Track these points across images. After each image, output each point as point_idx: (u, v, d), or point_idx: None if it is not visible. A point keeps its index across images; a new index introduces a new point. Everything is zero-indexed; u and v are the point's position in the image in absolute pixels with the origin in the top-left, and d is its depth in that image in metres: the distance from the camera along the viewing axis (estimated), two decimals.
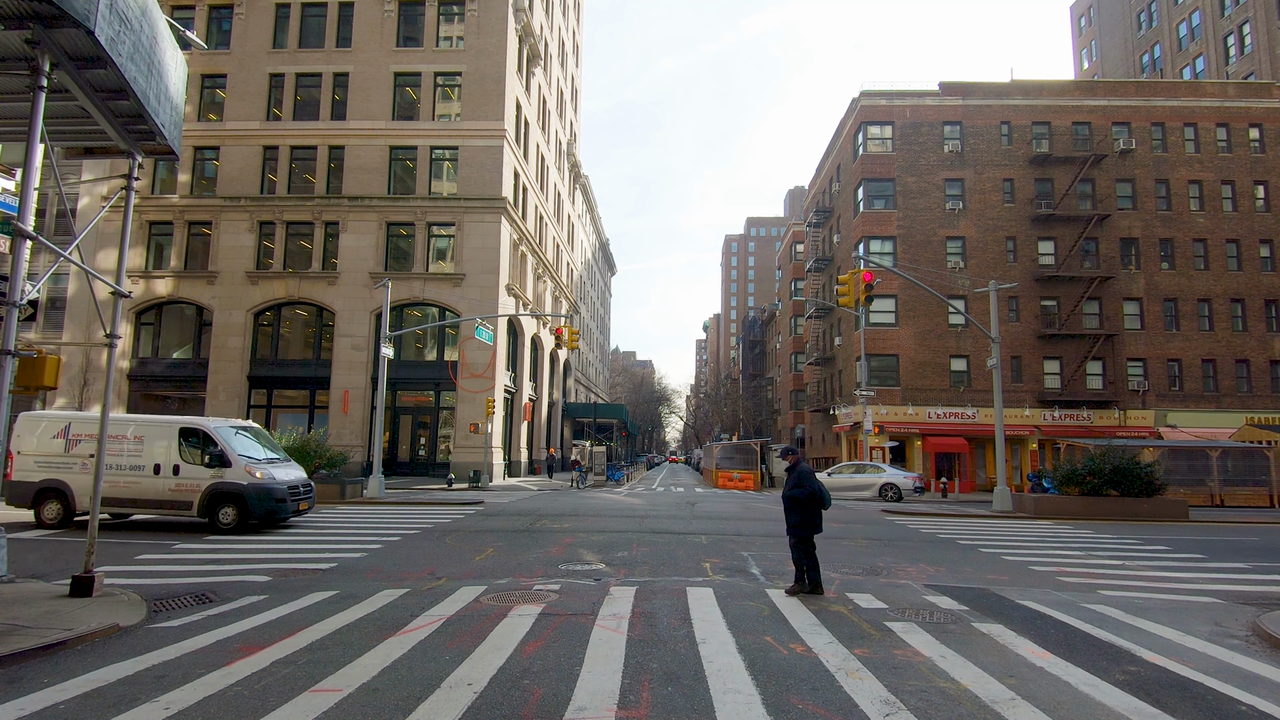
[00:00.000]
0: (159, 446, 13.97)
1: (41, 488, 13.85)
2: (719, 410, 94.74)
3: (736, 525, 16.02)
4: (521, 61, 34.44)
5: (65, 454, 14.03)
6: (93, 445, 13.72)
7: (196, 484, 13.72)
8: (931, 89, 37.25)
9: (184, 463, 13.84)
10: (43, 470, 13.97)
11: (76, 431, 14.13)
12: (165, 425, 14.28)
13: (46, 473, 13.95)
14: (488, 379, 29.29)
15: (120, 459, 13.86)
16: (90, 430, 14.06)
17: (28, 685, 5.03)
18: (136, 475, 13.83)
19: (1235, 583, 10.16)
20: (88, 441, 13.92)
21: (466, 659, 5.70)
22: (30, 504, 13.89)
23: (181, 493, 13.73)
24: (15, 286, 6.79)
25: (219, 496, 13.68)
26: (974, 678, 5.45)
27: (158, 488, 13.79)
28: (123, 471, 13.84)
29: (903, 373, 35.10)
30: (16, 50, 7.03)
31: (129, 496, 13.85)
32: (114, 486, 13.66)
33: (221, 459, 13.85)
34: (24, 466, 14.07)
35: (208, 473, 13.75)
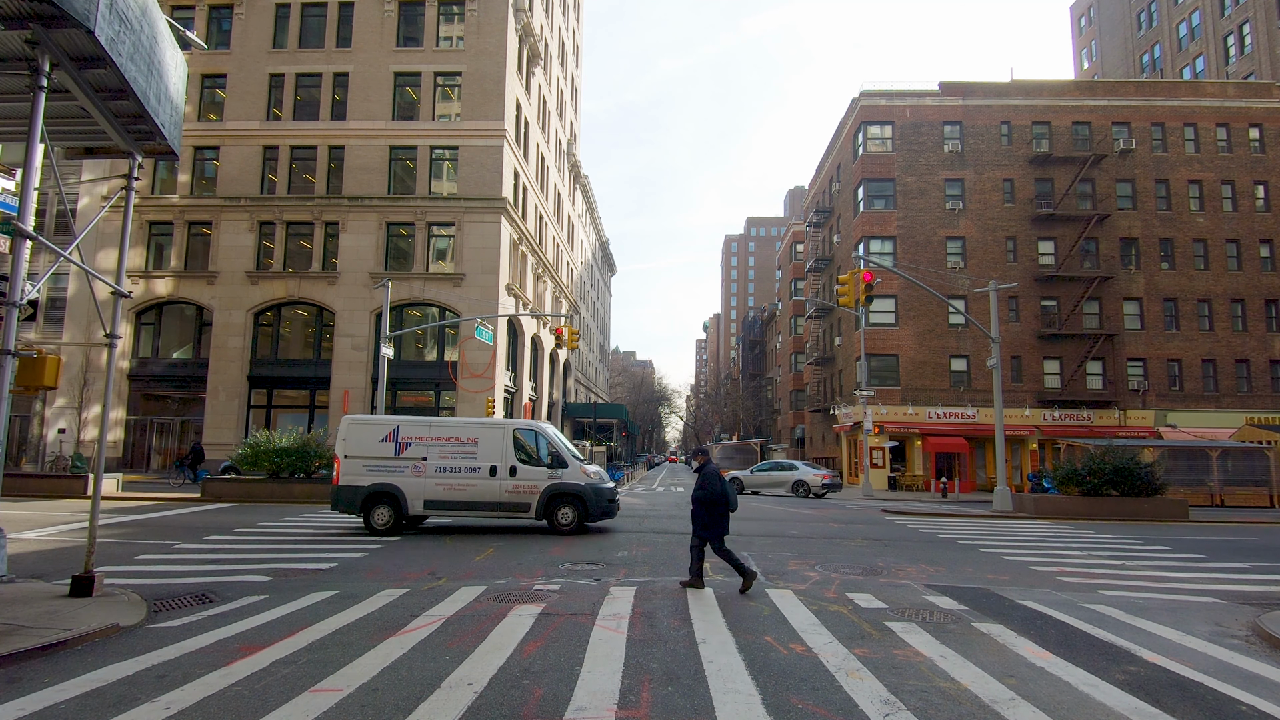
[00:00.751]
0: (493, 448, 13.74)
1: (371, 492, 13.56)
2: (719, 410, 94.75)
3: (736, 525, 15.99)
4: (521, 61, 34.44)
5: (395, 457, 13.77)
6: (424, 448, 13.75)
7: (534, 485, 13.56)
8: (931, 89, 37.25)
9: (520, 464, 13.64)
10: (372, 474, 13.67)
11: (405, 434, 13.87)
12: (498, 427, 14.13)
13: (376, 476, 13.64)
14: (488, 379, 29.29)
15: (454, 461, 13.66)
16: (420, 433, 13.85)
17: (28, 685, 5.03)
18: (472, 478, 13.61)
19: (1235, 583, 10.16)
20: (418, 444, 13.75)
21: (466, 659, 5.70)
22: (359, 509, 13.60)
23: (519, 494, 13.55)
24: (15, 286, 6.79)
25: (558, 498, 13.51)
26: (974, 678, 5.45)
27: (494, 490, 13.59)
28: (458, 474, 13.64)
29: (903, 373, 35.10)
30: (16, 50, 7.03)
31: (465, 500, 13.64)
32: (450, 489, 13.55)
33: (558, 459, 13.71)
34: (351, 470, 13.72)
35: (545, 473, 13.61)
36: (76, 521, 14.28)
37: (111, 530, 13.39)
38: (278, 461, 19.35)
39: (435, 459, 13.72)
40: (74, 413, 29.02)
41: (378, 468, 13.70)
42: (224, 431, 29.14)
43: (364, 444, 13.86)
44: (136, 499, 19.45)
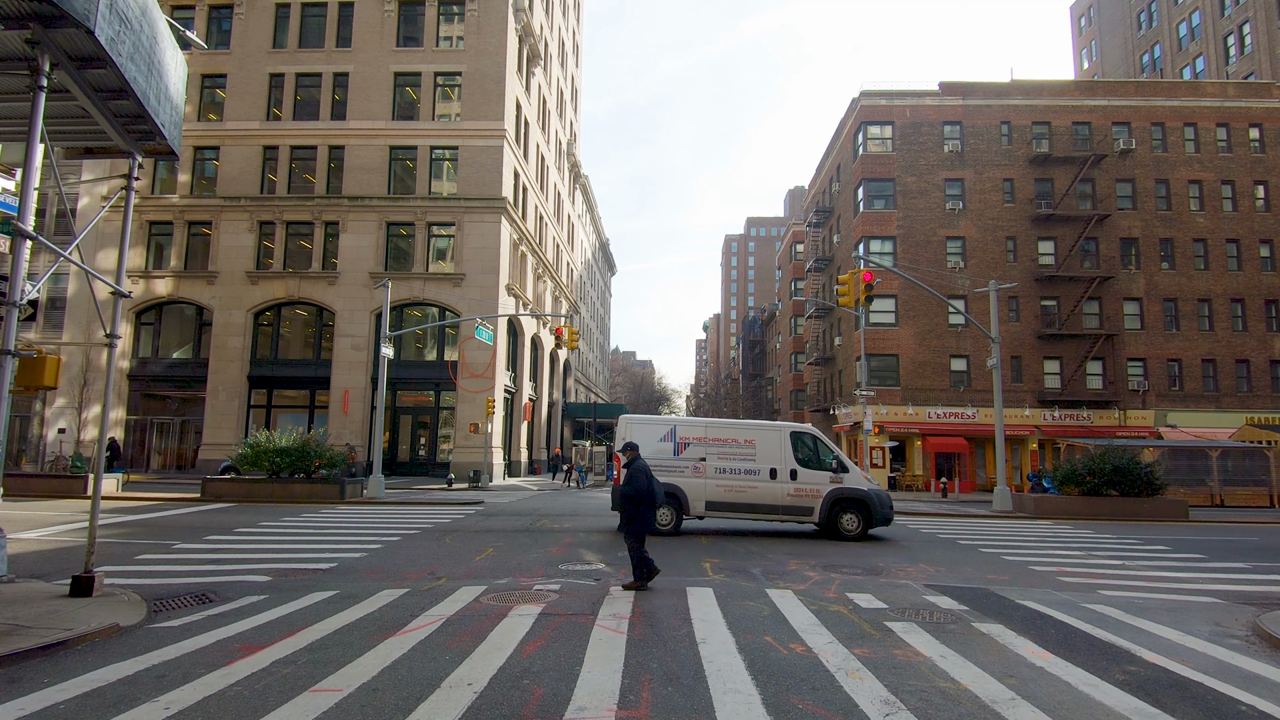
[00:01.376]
0: (771, 450, 13.71)
1: None
2: (719, 410, 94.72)
3: (736, 525, 16.01)
4: (521, 61, 34.45)
5: (675, 457, 13.77)
6: (702, 449, 13.75)
7: (816, 490, 13.51)
8: (931, 89, 37.25)
9: (800, 467, 13.59)
10: (655, 474, 13.61)
11: (683, 435, 13.89)
12: (775, 429, 14.10)
13: (658, 476, 13.60)
14: (488, 379, 29.29)
15: (733, 462, 13.65)
16: (697, 433, 13.87)
17: (28, 685, 5.03)
18: (753, 480, 13.61)
19: (1235, 583, 10.17)
20: (695, 445, 13.78)
21: (466, 659, 5.70)
22: None
23: (801, 498, 13.53)
24: (15, 286, 6.79)
25: (842, 503, 13.45)
26: (974, 677, 5.45)
27: (775, 493, 13.58)
28: (738, 476, 13.63)
29: (903, 373, 35.10)
30: (16, 50, 7.03)
31: (746, 502, 13.63)
32: (730, 491, 13.58)
33: (840, 464, 13.64)
34: None
35: (827, 478, 13.56)
36: (76, 521, 14.28)
37: (111, 530, 13.39)
38: (278, 461, 19.35)
39: (715, 460, 13.77)
40: (74, 413, 29.03)
41: (659, 467, 13.54)
42: (224, 431, 29.15)
43: (644, 444, 13.66)
44: (136, 499, 19.46)
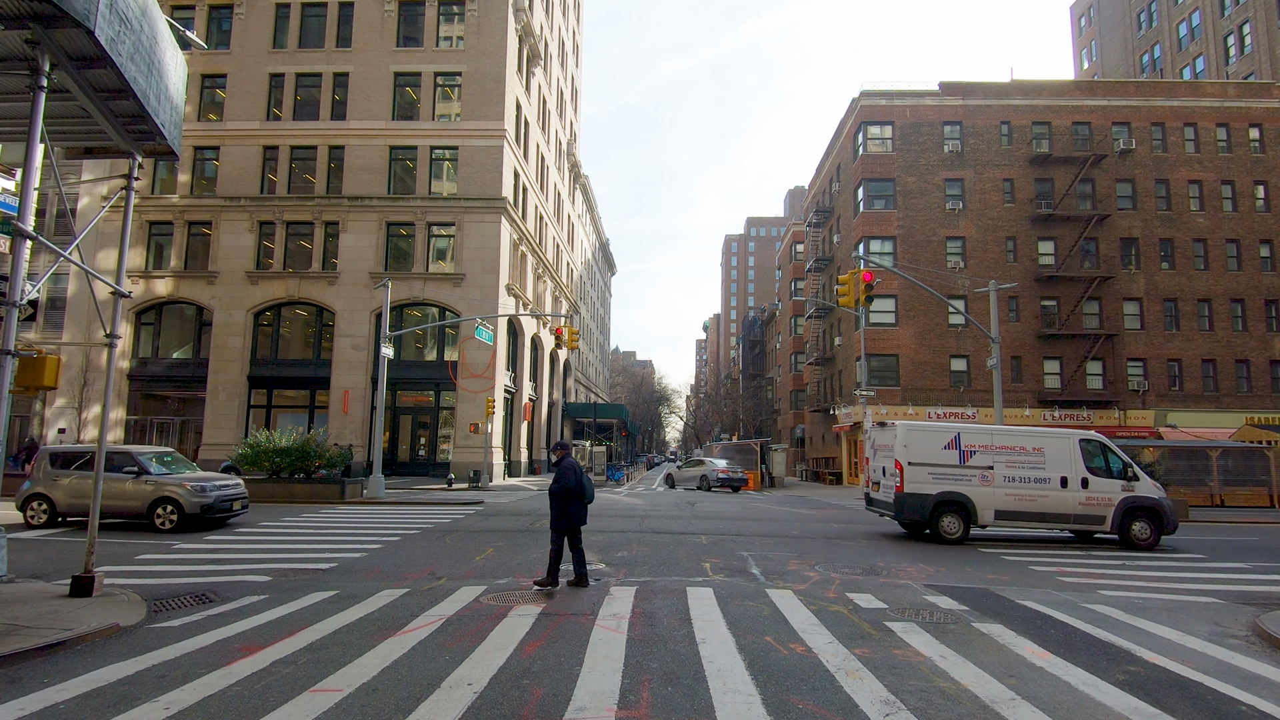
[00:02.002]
0: (1060, 458, 13.54)
1: (940, 500, 13.50)
2: (719, 410, 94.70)
3: (736, 525, 16.02)
4: (521, 61, 34.45)
5: (960, 465, 13.64)
6: (988, 456, 13.61)
7: (1108, 498, 13.36)
8: (931, 89, 37.25)
9: (1091, 475, 13.44)
10: (938, 482, 13.56)
11: (968, 442, 13.73)
12: (1063, 437, 13.95)
13: (943, 484, 13.55)
14: (488, 379, 29.29)
15: (1021, 470, 13.51)
16: (982, 441, 13.73)
17: (28, 685, 5.03)
18: (1042, 489, 13.43)
19: (1235, 583, 10.17)
20: (981, 453, 13.64)
21: (466, 659, 5.70)
22: (927, 516, 13.48)
23: (1092, 507, 13.37)
24: (15, 286, 6.79)
25: (1134, 511, 13.33)
26: (974, 678, 5.45)
27: (1066, 502, 13.38)
28: (1027, 484, 13.46)
29: (903, 373, 35.10)
30: (16, 50, 7.03)
31: (1036, 511, 13.44)
32: (1020, 500, 13.46)
33: (1132, 471, 13.49)
34: (917, 478, 13.62)
35: (1119, 485, 13.41)
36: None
37: (111, 530, 13.38)
38: (278, 461, 19.36)
39: (1003, 468, 13.59)
40: (74, 413, 29.03)
41: (943, 475, 13.56)
42: (224, 431, 29.15)
43: (926, 451, 13.71)
44: None
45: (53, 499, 13.62)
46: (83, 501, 13.46)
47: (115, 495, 13.40)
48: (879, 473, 14.75)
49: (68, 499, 13.65)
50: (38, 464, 13.90)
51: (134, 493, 13.45)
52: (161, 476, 13.64)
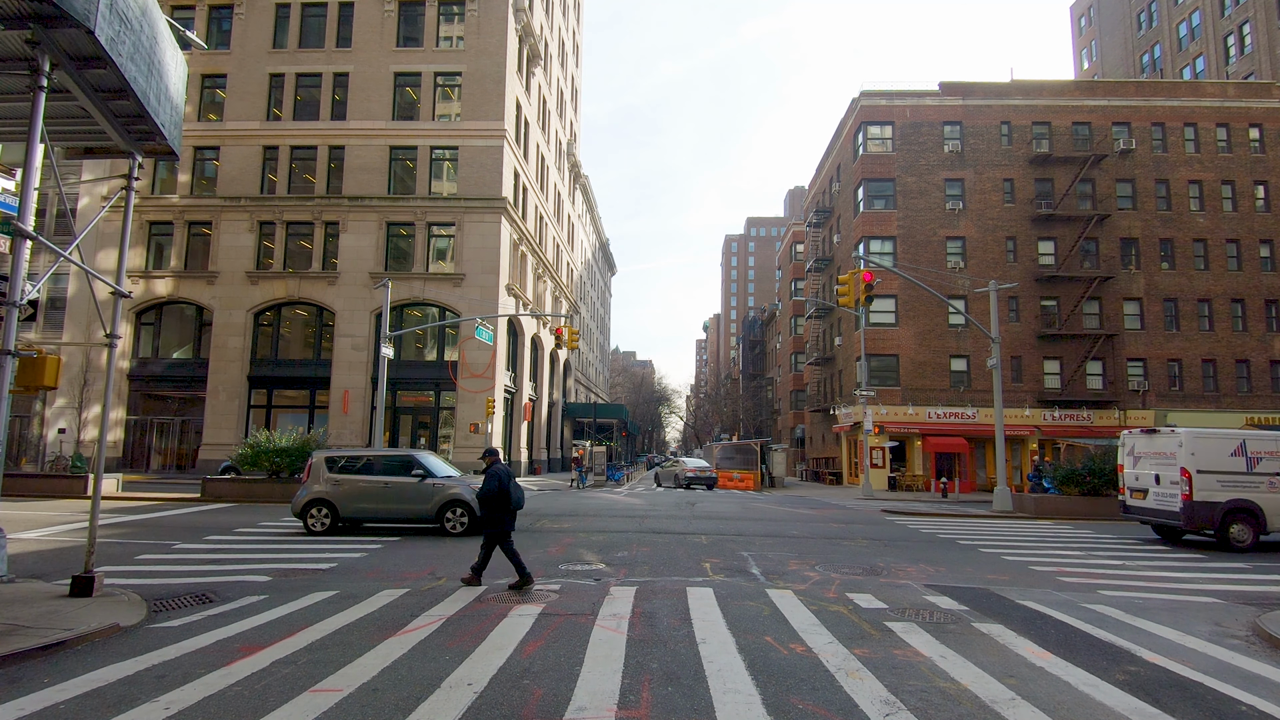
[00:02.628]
0: None
1: (1229, 508, 13.47)
2: (719, 410, 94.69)
3: (736, 525, 16.02)
4: (521, 61, 34.45)
5: (1248, 473, 13.63)
6: (1276, 463, 13.63)
7: None
8: (931, 89, 37.26)
9: None
10: (1226, 490, 13.54)
11: (1254, 450, 13.72)
12: None
13: (1231, 492, 13.52)
14: (488, 379, 29.29)
15: None
16: (1269, 448, 13.71)
17: (28, 685, 5.03)
18: None
19: (1235, 583, 10.16)
20: (1269, 459, 13.67)
21: (466, 659, 5.70)
22: (1216, 525, 13.47)
23: None
24: (15, 286, 6.79)
25: None
26: (974, 678, 5.45)
27: None
28: None
29: (903, 373, 35.10)
30: (16, 50, 7.03)
31: None
32: None
33: None
34: (1206, 486, 13.57)
35: None
36: (76, 521, 14.29)
37: (111, 530, 13.39)
38: (278, 461, 19.35)
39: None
40: (74, 413, 29.03)
41: (1232, 483, 13.59)
42: (224, 431, 29.15)
43: (1213, 459, 13.71)
44: (136, 499, 19.45)
45: (334, 503, 13.38)
46: (366, 505, 13.43)
47: (403, 499, 13.40)
48: (1148, 480, 14.74)
49: (350, 503, 13.44)
50: (314, 469, 13.68)
51: (424, 496, 13.38)
52: (448, 480, 13.62)
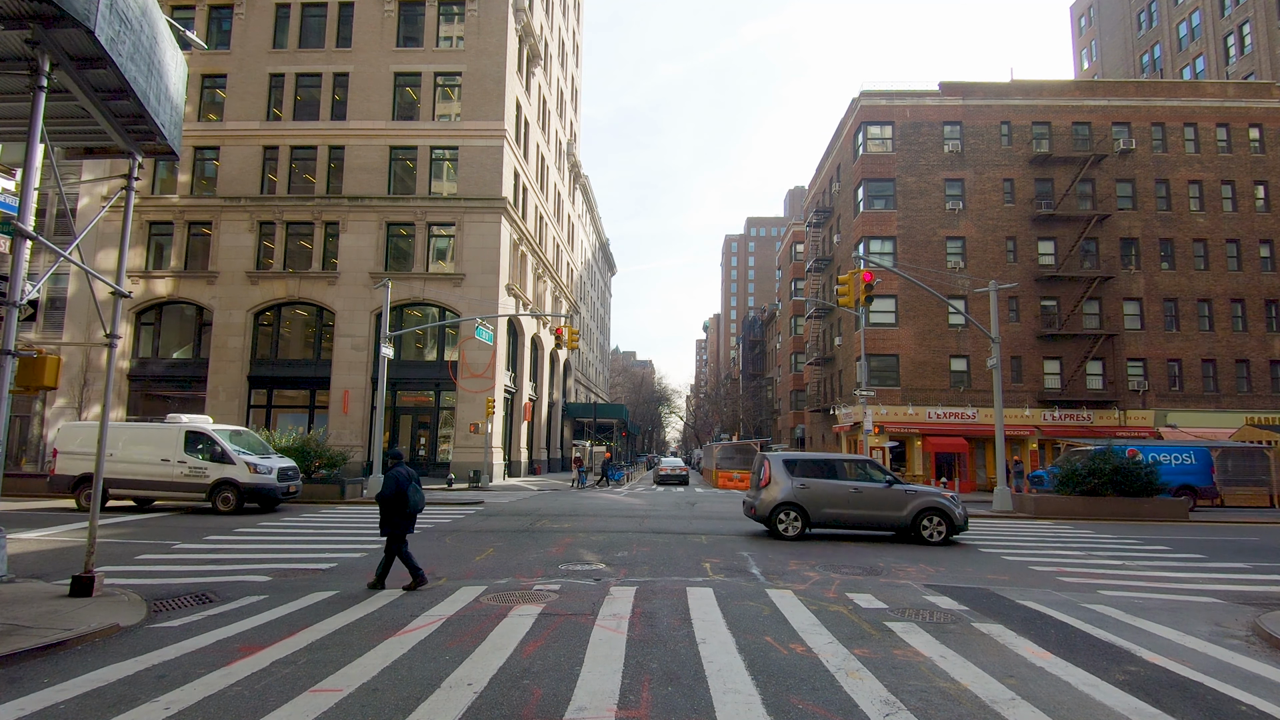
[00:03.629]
0: None
1: None
2: (719, 410, 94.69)
3: (736, 525, 16.02)
4: (521, 61, 34.45)
5: None
6: None
7: None
8: (931, 89, 37.24)
9: None
10: None
11: None
12: None
13: None
14: (488, 379, 29.29)
15: None
16: None
17: (28, 685, 5.03)
18: None
19: (1235, 583, 10.16)
20: None
21: (466, 659, 5.70)
22: None
23: None
24: (15, 286, 6.79)
25: None
26: (974, 678, 5.45)
27: None
28: None
29: (903, 373, 35.09)
30: (16, 50, 7.03)
31: None
32: None
33: None
34: None
35: None
36: (76, 521, 14.29)
37: (111, 530, 13.39)
38: None
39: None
40: (74, 413, 29.03)
41: None
42: None
43: None
44: None
45: (804, 508, 13.42)
46: (840, 511, 13.45)
47: (871, 505, 13.39)
48: None
49: (822, 507, 13.46)
50: (777, 471, 13.78)
51: (896, 502, 13.38)
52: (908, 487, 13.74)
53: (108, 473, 15.57)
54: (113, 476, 16.18)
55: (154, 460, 16.48)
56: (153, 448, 16.62)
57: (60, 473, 16.98)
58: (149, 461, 16.50)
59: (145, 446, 16.68)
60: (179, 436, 16.63)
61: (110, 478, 16.05)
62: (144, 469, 16.48)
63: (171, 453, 16.48)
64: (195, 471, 16.37)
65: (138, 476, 16.49)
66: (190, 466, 16.40)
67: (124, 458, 16.47)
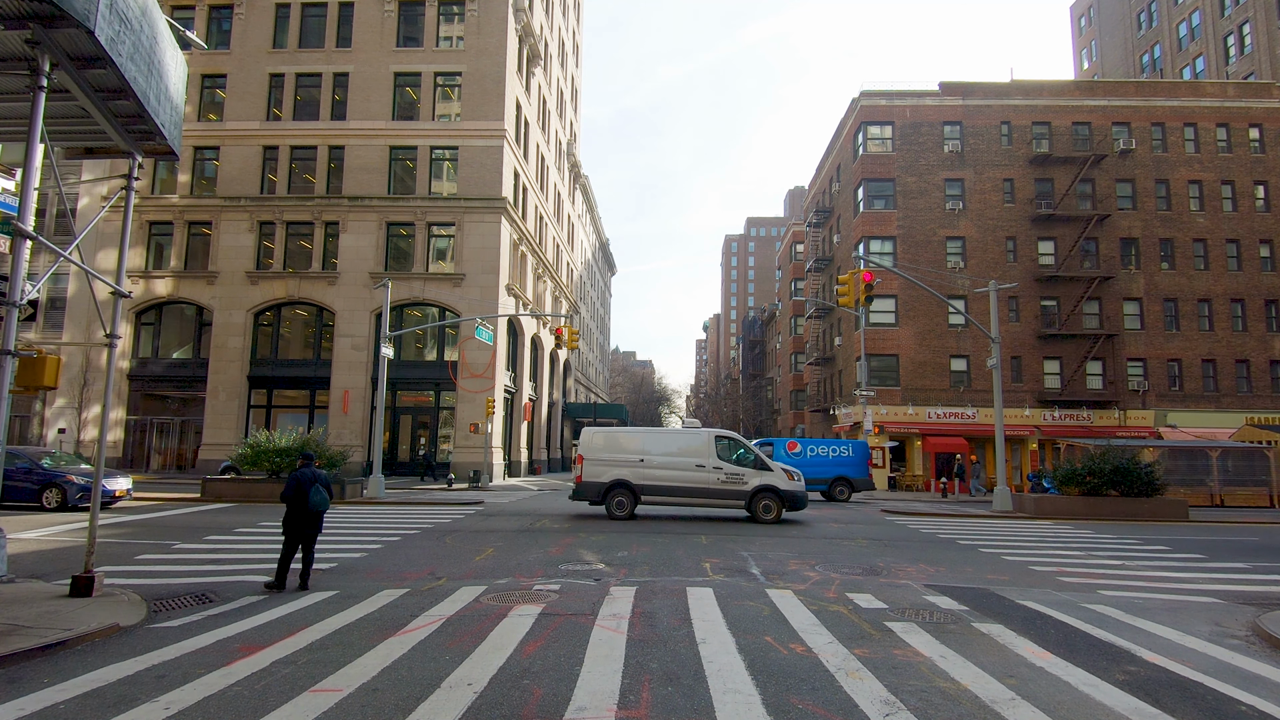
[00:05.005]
0: None
1: None
2: (719, 410, 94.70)
3: (737, 525, 16.01)
4: (521, 61, 34.44)
5: None
6: None
7: None
8: (931, 89, 37.25)
9: None
10: None
11: None
12: None
13: None
14: (488, 379, 29.29)
15: None
16: None
17: (28, 685, 5.03)
18: None
19: (1235, 583, 10.16)
20: None
21: (466, 659, 5.70)
22: None
23: None
24: (15, 286, 6.79)
25: None
26: (974, 678, 5.45)
27: None
28: None
29: (903, 373, 35.09)
30: (16, 50, 7.03)
31: None
32: None
33: None
34: None
35: None
36: (76, 521, 14.29)
37: (111, 530, 13.39)
38: (278, 461, 19.34)
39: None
40: (74, 413, 29.03)
41: None
42: (224, 431, 29.15)
43: None
44: (136, 499, 19.43)
45: None
46: None
47: None
48: None
49: None
50: None
51: None
52: None
53: (638, 479, 16.55)
54: (643, 483, 16.56)
55: (688, 467, 16.62)
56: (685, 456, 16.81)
57: (588, 480, 16.79)
58: (683, 468, 16.66)
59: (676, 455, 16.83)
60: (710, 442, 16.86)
61: (640, 484, 16.57)
62: (677, 475, 16.65)
63: (706, 459, 16.61)
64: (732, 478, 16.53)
65: (670, 483, 16.62)
66: (727, 473, 16.55)
67: (657, 464, 16.70)
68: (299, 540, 8.70)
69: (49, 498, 16.28)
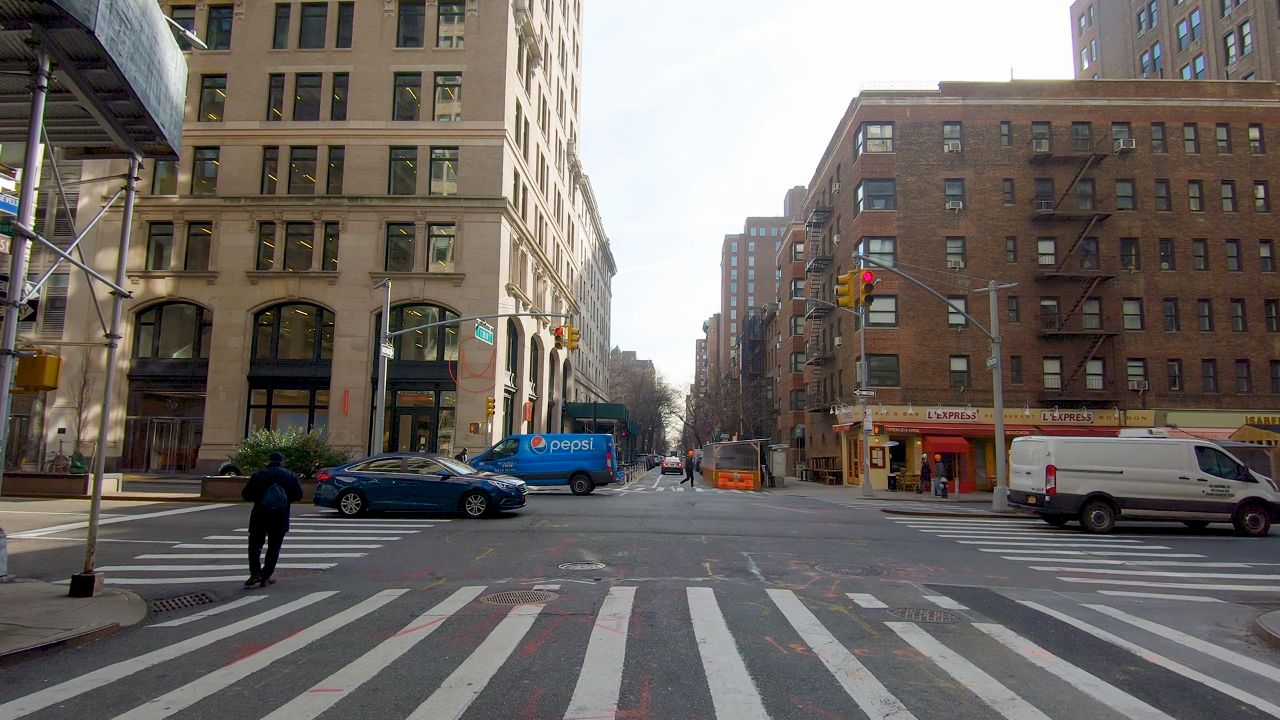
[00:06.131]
0: None
1: None
2: (719, 410, 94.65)
3: (736, 525, 16.02)
4: (521, 61, 34.44)
5: None
6: None
7: None
8: (931, 89, 37.24)
9: None
10: None
11: None
12: None
13: None
14: (488, 379, 29.29)
15: None
16: None
17: (28, 685, 5.03)
18: None
19: (1235, 583, 10.16)
20: None
21: (466, 659, 5.70)
22: None
23: None
24: (15, 286, 6.79)
25: None
26: (974, 678, 5.45)
27: None
28: None
29: (903, 373, 35.09)
30: (16, 50, 7.03)
31: None
32: None
33: None
34: None
35: None
36: (76, 521, 14.29)
37: (111, 530, 13.39)
38: None
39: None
40: (74, 413, 29.03)
41: None
42: (224, 431, 29.15)
43: None
44: (136, 499, 19.45)
45: None
46: None
47: None
48: None
49: None
50: None
51: None
52: None
53: (1121, 492, 16.15)
54: (1125, 495, 16.27)
55: (1171, 479, 16.33)
56: None
57: (1063, 492, 16.39)
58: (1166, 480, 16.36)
59: None
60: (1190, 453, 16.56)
61: (1124, 496, 16.25)
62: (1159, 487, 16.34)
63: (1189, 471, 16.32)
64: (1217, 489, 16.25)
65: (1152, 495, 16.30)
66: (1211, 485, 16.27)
67: (1135, 475, 16.39)
68: (260, 536, 8.85)
69: None
